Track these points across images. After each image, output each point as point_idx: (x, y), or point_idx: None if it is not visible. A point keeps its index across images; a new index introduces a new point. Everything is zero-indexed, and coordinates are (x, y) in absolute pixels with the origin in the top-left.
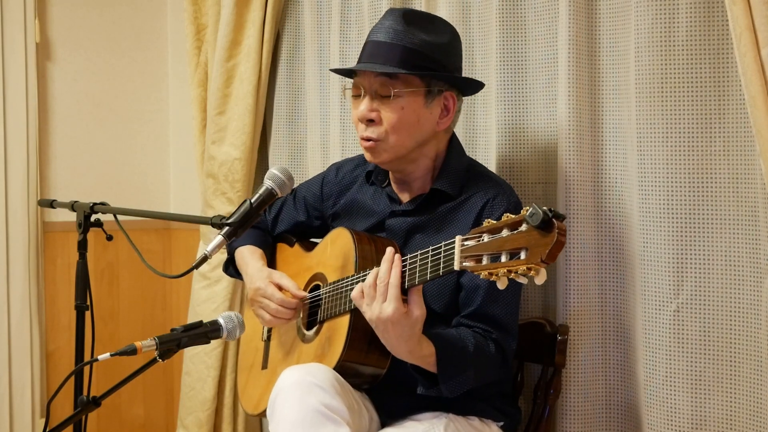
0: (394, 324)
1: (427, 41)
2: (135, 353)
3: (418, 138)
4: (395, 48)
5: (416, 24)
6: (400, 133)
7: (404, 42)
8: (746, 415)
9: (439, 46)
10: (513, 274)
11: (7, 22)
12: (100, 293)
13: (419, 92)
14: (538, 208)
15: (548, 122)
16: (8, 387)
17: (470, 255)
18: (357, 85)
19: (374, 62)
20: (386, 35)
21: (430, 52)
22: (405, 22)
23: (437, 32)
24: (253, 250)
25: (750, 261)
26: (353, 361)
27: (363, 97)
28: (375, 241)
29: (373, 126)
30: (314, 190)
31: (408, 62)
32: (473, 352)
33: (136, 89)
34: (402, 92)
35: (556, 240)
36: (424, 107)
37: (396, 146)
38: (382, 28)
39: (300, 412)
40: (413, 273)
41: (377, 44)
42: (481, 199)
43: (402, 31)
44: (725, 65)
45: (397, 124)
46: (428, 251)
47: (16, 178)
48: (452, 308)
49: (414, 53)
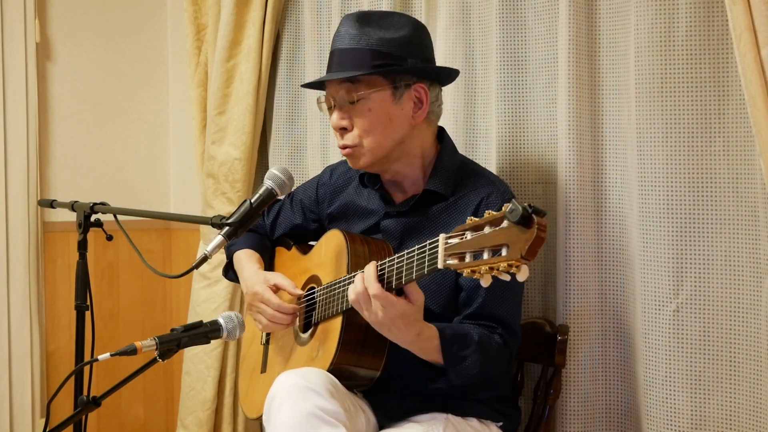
0: (401, 317)
1: (384, 38)
2: (135, 353)
3: (394, 136)
4: (353, 52)
5: (371, 24)
6: (374, 135)
7: (360, 44)
8: (746, 415)
9: (399, 40)
10: (495, 271)
11: (7, 22)
12: (100, 293)
13: (385, 90)
14: (517, 204)
15: (548, 122)
16: (8, 387)
17: (454, 253)
18: (327, 96)
19: (340, 70)
20: (343, 42)
21: (388, 49)
22: (360, 24)
23: (395, 27)
24: (250, 253)
25: (750, 261)
26: (347, 363)
27: (334, 108)
28: (368, 243)
29: (347, 133)
30: (310, 193)
31: (365, 63)
32: (477, 340)
33: (136, 89)
34: (366, 94)
35: (535, 236)
36: (393, 104)
37: (373, 148)
38: (339, 36)
39: (296, 416)
40: (400, 272)
41: (338, 53)
42: (475, 197)
43: (357, 34)
44: (725, 65)
45: (369, 126)
46: (414, 250)
47: (16, 178)
48: (450, 308)
49: (371, 53)
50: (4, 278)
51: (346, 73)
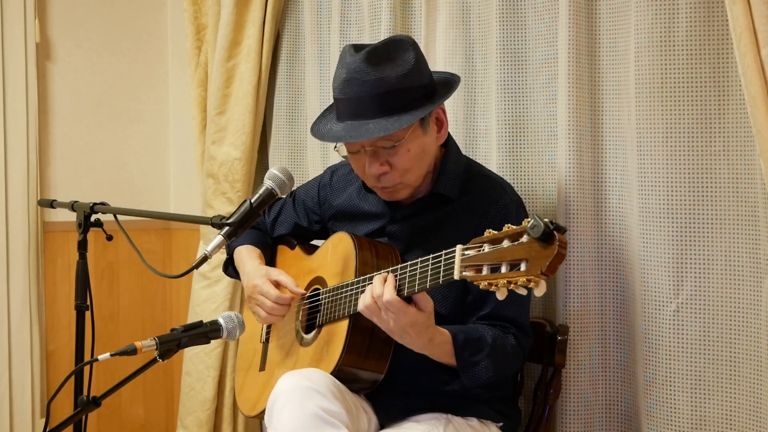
0: (411, 326)
1: (401, 74)
2: (135, 353)
3: (428, 162)
4: (379, 98)
5: (382, 61)
6: (414, 170)
7: (382, 88)
8: (746, 415)
9: (412, 71)
10: (513, 285)
11: (7, 22)
12: (100, 293)
13: (416, 127)
14: (539, 220)
15: (548, 122)
16: (8, 387)
17: (470, 265)
18: (352, 144)
19: (363, 119)
20: (361, 87)
21: (409, 83)
22: (371, 65)
23: (402, 57)
24: (251, 249)
25: (750, 261)
26: (351, 365)
27: (364, 154)
28: (376, 247)
29: (385, 176)
30: (312, 194)
31: (397, 105)
32: (491, 343)
33: (136, 89)
34: (405, 137)
35: (556, 252)
36: (423, 136)
37: (413, 180)
38: (352, 81)
39: (299, 417)
40: (413, 281)
41: (357, 101)
42: (481, 200)
43: (374, 77)
44: (725, 65)
45: (409, 165)
46: (428, 259)
47: (16, 178)
48: (458, 310)
49: (397, 93)
50: (4, 278)
51: (386, 127)
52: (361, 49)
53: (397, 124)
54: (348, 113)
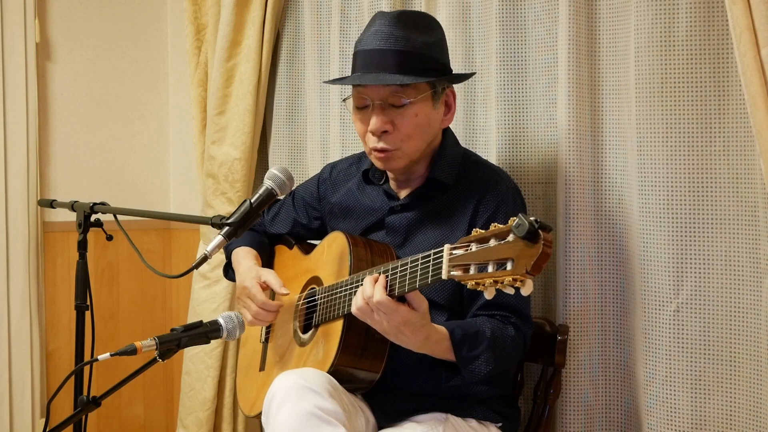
0: (405, 324)
1: (426, 42)
2: (135, 353)
3: (428, 139)
4: (400, 55)
5: (411, 25)
6: (415, 139)
7: (407, 47)
8: (746, 415)
9: (436, 44)
10: (499, 284)
11: (7, 22)
12: (100, 293)
13: (428, 96)
14: (524, 219)
15: (548, 122)
16: (8, 387)
17: (458, 264)
18: (362, 95)
19: (381, 71)
20: (386, 41)
21: (431, 53)
22: (401, 25)
23: (430, 30)
24: (247, 251)
25: (750, 261)
26: (347, 365)
27: (371, 109)
28: (371, 245)
29: (387, 136)
30: (311, 190)
31: (415, 68)
32: (490, 336)
33: (136, 89)
34: (415, 99)
35: (541, 252)
36: (432, 109)
37: (411, 152)
38: (379, 34)
39: (295, 416)
40: (403, 280)
41: (379, 53)
42: (478, 186)
43: (401, 36)
44: (725, 65)
45: (412, 131)
46: (417, 258)
47: (16, 178)
48: (455, 300)
49: (419, 57)
50: (4, 278)
51: (402, 77)
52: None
53: (412, 79)
54: (368, 64)
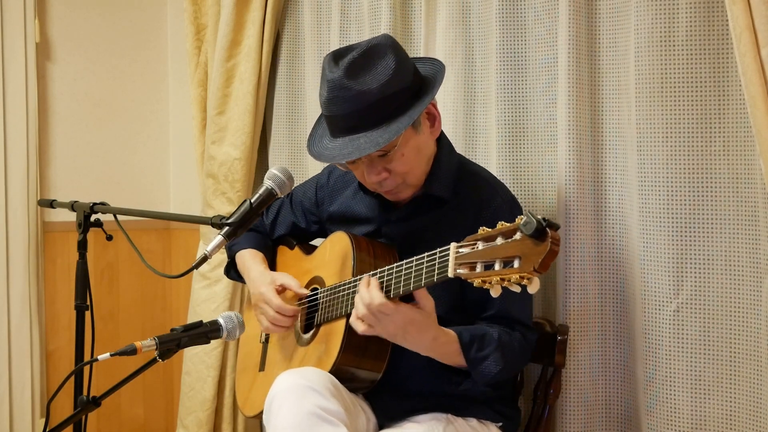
0: (410, 323)
1: (383, 83)
2: (135, 353)
3: (426, 158)
4: (363, 112)
5: (361, 72)
6: (415, 168)
7: (366, 101)
8: (746, 415)
9: (394, 78)
10: (506, 282)
11: (7, 22)
12: (100, 293)
13: (408, 130)
14: (532, 217)
15: (548, 122)
16: (8, 387)
17: (464, 262)
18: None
19: (353, 134)
20: (344, 104)
21: (392, 90)
22: (351, 77)
23: (382, 64)
24: (254, 253)
25: (750, 261)
26: (348, 364)
27: (360, 164)
28: (374, 246)
29: (386, 180)
30: (310, 195)
31: (383, 116)
32: (497, 338)
33: (136, 89)
34: (398, 142)
35: (549, 249)
36: (415, 135)
37: (416, 179)
38: (335, 99)
39: (296, 416)
40: (408, 279)
41: (342, 117)
42: (473, 202)
43: (356, 92)
44: (725, 65)
45: (406, 167)
46: (423, 257)
47: (16, 178)
48: (456, 310)
49: (382, 104)
50: (4, 278)
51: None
52: (340, 57)
53: (386, 135)
54: (338, 129)
